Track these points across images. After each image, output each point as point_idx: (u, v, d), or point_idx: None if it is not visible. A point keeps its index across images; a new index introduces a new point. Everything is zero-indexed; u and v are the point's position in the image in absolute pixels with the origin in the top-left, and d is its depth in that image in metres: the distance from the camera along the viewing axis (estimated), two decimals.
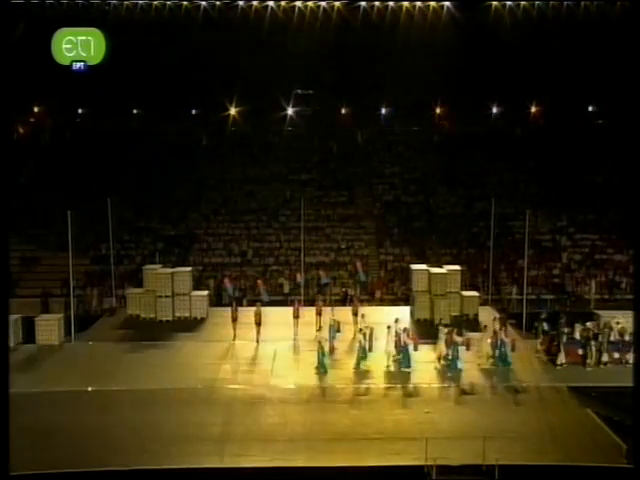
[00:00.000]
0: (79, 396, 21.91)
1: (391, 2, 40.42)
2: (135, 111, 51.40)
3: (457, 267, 32.43)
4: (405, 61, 42.69)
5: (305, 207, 36.34)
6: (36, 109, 50.71)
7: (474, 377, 23.64)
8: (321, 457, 17.86)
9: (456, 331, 25.11)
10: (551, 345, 25.38)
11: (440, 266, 32.93)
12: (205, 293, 33.06)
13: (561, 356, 24.76)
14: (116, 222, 35.57)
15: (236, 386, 22.97)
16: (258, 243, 41.45)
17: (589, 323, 26.39)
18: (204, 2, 40.17)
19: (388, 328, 24.99)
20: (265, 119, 50.02)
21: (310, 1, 40.09)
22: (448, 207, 44.59)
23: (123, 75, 41.25)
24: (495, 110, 50.51)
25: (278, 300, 34.77)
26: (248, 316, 28.07)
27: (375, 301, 35.75)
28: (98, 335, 29.10)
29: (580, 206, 43.26)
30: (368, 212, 44.62)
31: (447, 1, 40.16)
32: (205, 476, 17.22)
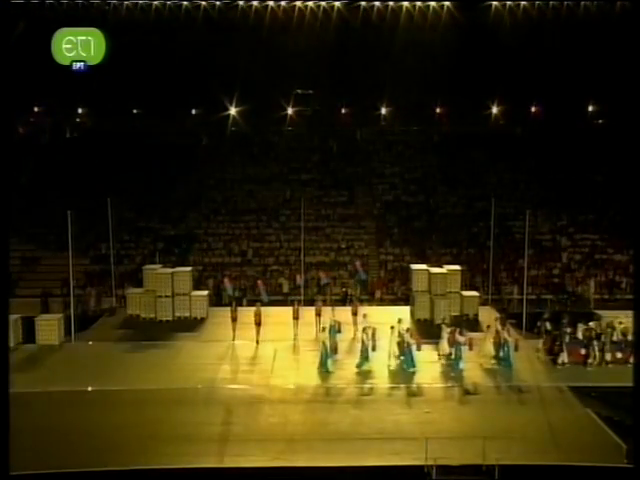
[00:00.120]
0: (79, 396, 21.88)
1: (391, 2, 40.44)
2: (135, 111, 51.42)
3: (457, 267, 32.41)
4: (405, 61, 42.73)
5: (305, 207, 36.38)
6: (36, 109, 50.73)
7: (477, 377, 23.59)
8: (321, 457, 17.83)
9: (459, 331, 25.10)
10: (553, 345, 25.31)
11: (440, 266, 32.90)
12: (205, 293, 33.04)
13: (563, 356, 24.71)
14: (116, 222, 35.56)
15: (236, 386, 22.95)
16: (258, 243, 41.45)
17: (592, 323, 26.30)
18: (204, 2, 40.20)
19: (392, 328, 24.96)
20: (265, 119, 50.07)
21: (310, 1, 40.11)
22: (448, 207, 44.60)
23: (123, 75, 41.29)
24: (495, 110, 50.54)
25: (278, 300, 34.80)
26: (248, 316, 28.03)
27: (375, 301, 35.73)
28: (98, 335, 29.08)
29: (580, 206, 43.29)
30: (368, 212, 44.63)
31: (447, 1, 40.19)
32: (205, 476, 17.19)
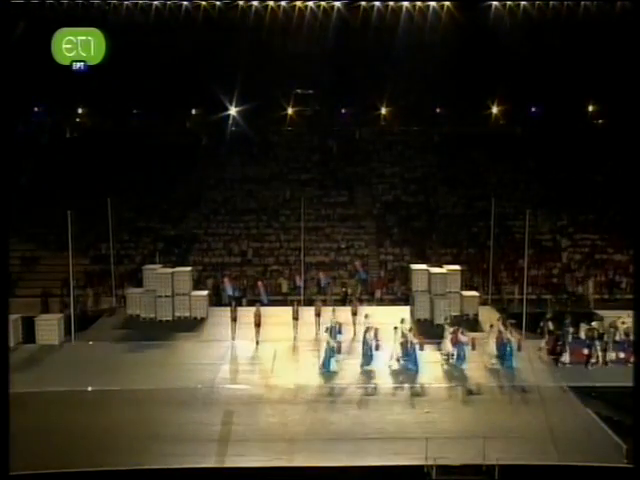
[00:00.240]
0: (79, 396, 21.88)
1: (391, 2, 40.46)
2: (135, 111, 51.42)
3: (457, 267, 32.39)
4: (405, 61, 42.73)
5: (305, 207, 36.32)
6: (36, 109, 50.73)
7: (479, 377, 23.57)
8: (321, 457, 17.81)
9: (461, 330, 25.08)
10: (556, 345, 25.30)
11: (440, 266, 32.87)
12: (205, 293, 33.01)
13: (566, 355, 24.70)
14: (116, 222, 35.50)
15: (236, 386, 22.97)
16: (258, 243, 41.41)
17: (594, 323, 26.25)
18: (204, 2, 40.21)
19: (395, 328, 24.97)
20: (265, 119, 50.11)
21: (310, 1, 40.13)
22: (448, 207, 44.56)
23: (123, 75, 41.29)
24: (495, 110, 50.54)
25: (278, 300, 34.77)
26: (248, 316, 28.02)
27: (375, 301, 35.71)
28: (98, 335, 29.04)
29: (580, 206, 43.25)
30: (368, 212, 44.60)
31: (447, 1, 40.20)
32: (205, 476, 17.19)
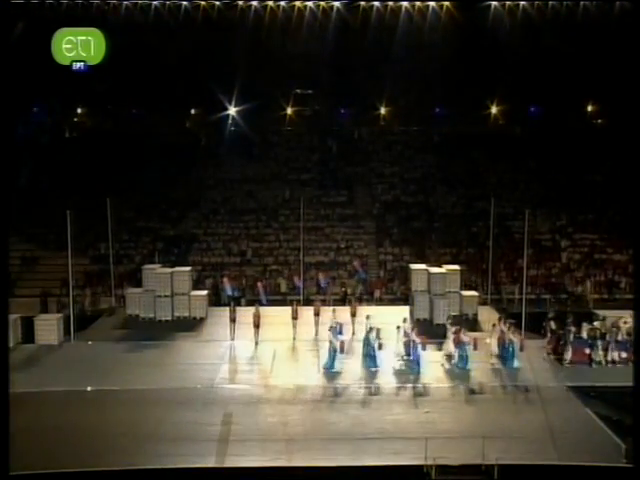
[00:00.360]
0: (78, 396, 21.89)
1: (390, 2, 40.45)
2: (134, 111, 51.39)
3: (456, 267, 32.41)
4: (404, 61, 42.71)
5: (304, 207, 36.36)
6: (36, 109, 50.68)
7: (481, 376, 23.57)
8: (321, 457, 17.79)
9: (463, 330, 25.08)
10: (558, 344, 25.30)
11: (439, 266, 32.90)
12: (204, 293, 33.00)
13: (568, 355, 24.71)
14: (115, 222, 35.47)
15: (235, 386, 22.97)
16: (257, 243, 41.39)
17: (596, 322, 26.28)
18: (203, 2, 40.19)
19: (398, 328, 24.99)
20: (264, 119, 50.04)
21: (309, 1, 40.11)
22: (447, 207, 44.53)
23: (122, 75, 41.27)
24: (494, 110, 50.53)
25: (277, 300, 34.77)
26: (247, 316, 28.02)
27: (374, 301, 35.70)
28: (97, 335, 29.05)
29: (580, 206, 43.26)
30: (367, 212, 44.59)
31: (446, 1, 40.20)
32: (204, 476, 17.17)
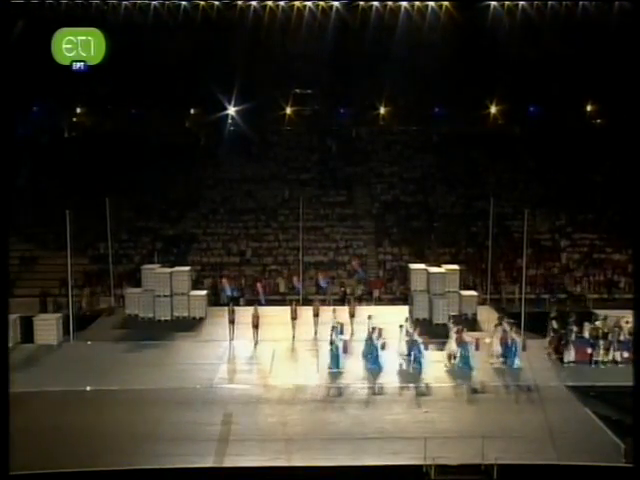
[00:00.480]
0: (77, 396, 21.90)
1: (389, 2, 40.45)
2: (133, 110, 51.36)
3: (456, 266, 32.46)
4: (403, 60, 42.72)
5: (304, 206, 36.42)
6: (36, 109, 50.64)
7: (483, 376, 23.57)
8: (320, 457, 17.79)
9: (466, 330, 25.06)
10: (559, 344, 25.30)
11: (439, 265, 32.94)
12: (204, 293, 33.02)
13: (570, 354, 24.71)
14: (115, 221, 35.47)
15: (235, 386, 22.98)
16: (257, 243, 41.37)
17: (598, 322, 26.27)
18: (202, 2, 40.17)
19: (400, 327, 24.99)
20: (264, 118, 50.01)
21: (309, 1, 40.10)
22: (447, 206, 44.52)
23: (121, 75, 41.26)
24: (494, 110, 50.53)
25: (276, 300, 34.77)
26: (246, 316, 28.03)
27: (373, 301, 35.71)
28: (96, 335, 29.06)
29: (579, 205, 43.26)
30: (367, 211, 44.58)
31: (445, 1, 40.20)
32: (204, 476, 17.18)
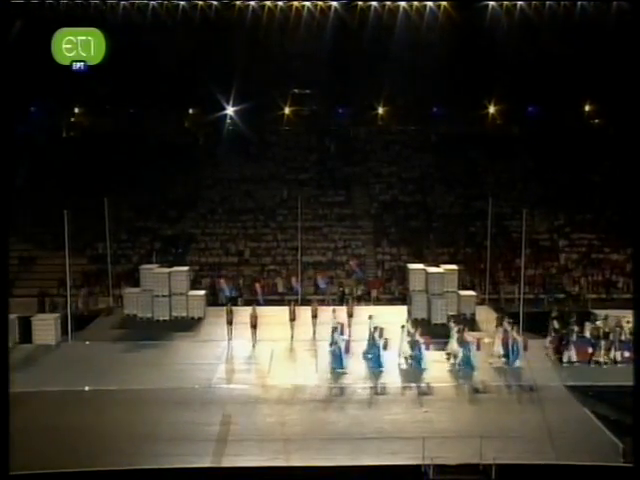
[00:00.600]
0: (76, 396, 21.88)
1: (388, 2, 40.47)
2: (132, 110, 51.33)
3: (454, 266, 32.44)
4: (402, 60, 42.73)
5: (302, 206, 36.43)
6: (35, 109, 50.56)
7: (484, 376, 23.57)
8: (319, 457, 17.78)
9: (467, 330, 25.05)
10: (560, 344, 25.29)
11: (437, 265, 32.94)
12: (202, 293, 32.99)
13: (571, 354, 24.70)
14: (113, 221, 35.37)
15: (233, 386, 22.97)
16: (255, 243, 41.38)
17: (599, 322, 26.27)
18: (201, 2, 40.16)
19: (402, 327, 25.02)
20: (262, 118, 49.98)
21: (307, 1, 40.10)
22: (445, 206, 44.56)
23: (120, 75, 41.22)
24: (492, 109, 50.55)
25: (274, 300, 34.76)
26: (244, 316, 28.01)
27: (372, 301, 35.72)
28: (95, 335, 29.02)
29: (577, 205, 43.30)
30: (365, 211, 44.60)
31: (444, 1, 40.22)
32: (203, 476, 17.17)
